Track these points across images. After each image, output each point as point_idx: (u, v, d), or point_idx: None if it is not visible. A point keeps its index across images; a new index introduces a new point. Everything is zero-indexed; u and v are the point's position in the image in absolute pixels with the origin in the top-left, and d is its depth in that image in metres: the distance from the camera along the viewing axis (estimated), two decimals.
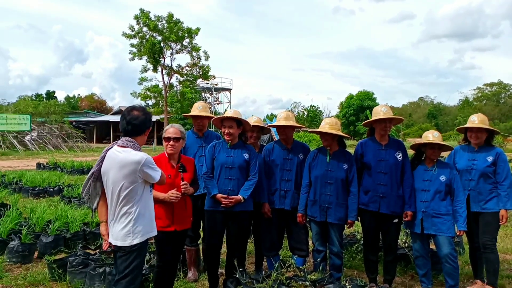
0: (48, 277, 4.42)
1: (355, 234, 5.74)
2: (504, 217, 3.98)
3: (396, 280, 4.58)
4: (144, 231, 2.92)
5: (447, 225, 3.93)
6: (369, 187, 4.13)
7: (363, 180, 4.20)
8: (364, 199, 4.15)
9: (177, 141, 3.66)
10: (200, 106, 4.64)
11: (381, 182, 4.08)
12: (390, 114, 4.17)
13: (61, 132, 32.44)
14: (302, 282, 3.70)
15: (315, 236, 4.22)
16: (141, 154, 2.85)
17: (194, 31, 33.73)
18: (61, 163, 15.73)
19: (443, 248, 3.92)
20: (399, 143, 4.27)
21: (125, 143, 2.89)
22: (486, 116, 4.28)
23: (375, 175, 4.11)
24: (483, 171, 4.05)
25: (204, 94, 46.01)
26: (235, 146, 4.06)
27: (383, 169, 4.09)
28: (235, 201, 3.89)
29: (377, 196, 4.08)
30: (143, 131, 2.97)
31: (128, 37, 33.50)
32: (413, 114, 75.80)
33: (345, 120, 50.05)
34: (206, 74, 35.36)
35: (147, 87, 34.53)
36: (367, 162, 4.18)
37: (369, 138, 4.31)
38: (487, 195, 4.05)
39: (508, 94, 69.18)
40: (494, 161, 4.06)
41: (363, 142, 4.32)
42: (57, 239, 5.22)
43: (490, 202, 4.04)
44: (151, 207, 3.02)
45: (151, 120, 3.03)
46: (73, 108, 58.48)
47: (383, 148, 4.16)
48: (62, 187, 9.95)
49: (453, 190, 4.00)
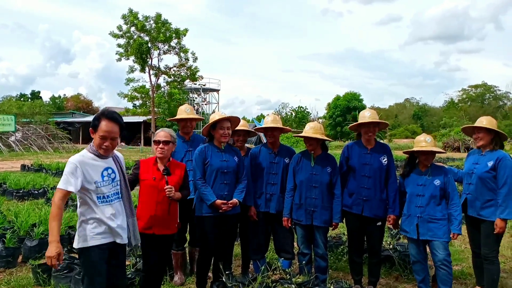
0: (33, 281, 4.38)
1: (340, 236, 5.80)
2: (498, 226, 3.81)
3: (381, 281, 4.64)
4: (83, 239, 2.89)
5: (442, 230, 3.88)
6: (353, 190, 4.19)
7: (348, 182, 4.26)
8: (348, 202, 4.21)
9: (166, 144, 3.62)
10: (188, 109, 4.64)
11: (364, 185, 4.13)
12: (375, 118, 4.19)
13: (46, 133, 32.02)
14: (288, 285, 3.72)
15: (301, 239, 4.26)
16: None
17: (182, 32, 33.56)
18: (46, 165, 15.53)
19: (438, 253, 3.87)
20: (385, 147, 4.31)
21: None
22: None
23: (359, 179, 4.16)
24: (481, 175, 3.95)
25: (191, 94, 45.85)
26: (226, 150, 4.04)
27: (367, 172, 4.14)
28: (233, 205, 3.92)
29: (360, 199, 4.14)
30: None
31: (116, 36, 33.17)
32: (399, 115, 76.58)
33: (332, 121, 50.31)
34: (194, 75, 35.21)
35: (134, 88, 34.24)
36: (352, 165, 4.23)
37: (356, 141, 4.36)
38: (484, 202, 3.93)
39: (492, 95, 70.34)
40: (495, 166, 3.89)
41: (349, 145, 4.36)
42: (41, 243, 5.15)
43: (487, 209, 3.91)
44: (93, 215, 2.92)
45: (93, 120, 2.98)
46: (58, 109, 57.77)
47: (368, 152, 4.20)
48: (47, 190, 9.84)
49: (448, 194, 3.95)
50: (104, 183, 2.92)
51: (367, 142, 4.24)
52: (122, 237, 3.02)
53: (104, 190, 2.92)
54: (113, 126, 2.90)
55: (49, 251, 2.69)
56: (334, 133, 49.73)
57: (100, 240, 2.88)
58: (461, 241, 5.96)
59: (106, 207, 2.92)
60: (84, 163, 2.85)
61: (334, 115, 49.98)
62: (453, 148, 34.83)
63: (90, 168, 2.86)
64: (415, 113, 70.52)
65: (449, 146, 35.31)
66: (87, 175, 2.84)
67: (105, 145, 2.89)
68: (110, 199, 2.96)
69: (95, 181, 2.87)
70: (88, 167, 2.86)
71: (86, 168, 2.84)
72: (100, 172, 2.92)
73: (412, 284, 4.47)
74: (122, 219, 3.04)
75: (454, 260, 5.28)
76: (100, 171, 2.92)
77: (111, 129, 2.89)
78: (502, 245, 5.05)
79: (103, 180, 2.92)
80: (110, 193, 2.97)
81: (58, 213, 2.75)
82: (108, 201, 2.95)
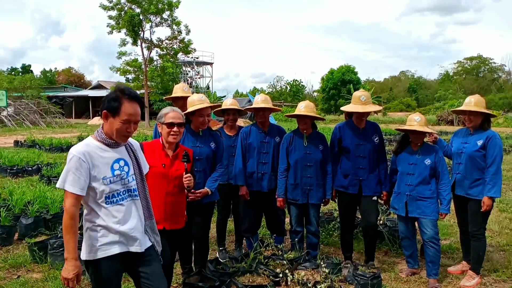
0: (29, 259, 4.45)
1: (332, 212, 5.90)
2: (486, 204, 3.85)
3: None
4: (89, 250, 2.35)
5: (431, 208, 3.95)
6: (348, 171, 4.22)
7: (341, 163, 4.29)
8: (343, 182, 4.24)
9: (181, 126, 3.18)
10: (186, 87, 4.60)
11: (360, 165, 4.17)
12: (369, 102, 4.17)
13: (39, 108, 31.68)
14: (279, 261, 3.83)
15: (294, 218, 4.31)
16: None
17: (174, 4, 32.80)
18: (39, 141, 15.46)
19: (427, 231, 3.96)
20: (376, 126, 4.35)
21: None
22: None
23: (354, 159, 4.18)
24: (471, 154, 3.96)
25: (185, 68, 45.34)
26: (203, 135, 3.78)
27: (362, 153, 4.17)
28: (202, 195, 3.54)
29: (356, 179, 4.18)
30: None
31: (106, 8, 32.42)
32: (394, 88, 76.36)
33: (326, 95, 50.13)
34: (187, 48, 34.69)
35: (127, 62, 33.74)
36: (345, 146, 4.23)
37: (347, 121, 4.34)
38: (473, 181, 3.96)
39: (488, 68, 70.12)
40: (484, 144, 3.90)
41: (340, 126, 4.33)
42: (37, 221, 5.21)
43: (476, 188, 3.95)
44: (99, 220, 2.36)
45: (105, 101, 2.37)
46: (50, 82, 56.90)
47: (361, 132, 4.21)
48: (41, 166, 9.83)
49: (438, 173, 4.00)
50: (115, 178, 2.35)
51: (358, 122, 4.25)
52: (139, 243, 2.44)
53: (115, 187, 2.35)
54: (137, 107, 2.35)
55: (66, 271, 2.23)
56: (328, 107, 49.66)
57: (110, 251, 2.34)
58: (450, 216, 6.07)
59: (116, 209, 2.35)
60: (90, 154, 2.28)
61: (327, 89, 49.75)
62: (447, 122, 34.96)
63: (97, 160, 2.30)
64: (410, 86, 70.34)
65: (443, 120, 35.45)
66: (94, 171, 2.29)
67: (129, 131, 2.35)
68: (121, 198, 2.38)
69: (104, 176, 2.31)
70: (95, 159, 2.30)
71: (93, 161, 2.28)
72: (110, 165, 2.34)
73: (401, 258, 4.59)
74: (137, 222, 2.44)
75: (443, 235, 5.42)
76: (110, 164, 2.35)
77: (135, 111, 2.34)
78: (489, 220, 5.18)
79: (113, 175, 2.34)
80: (122, 191, 2.38)
81: (72, 224, 2.24)
82: (119, 200, 2.37)
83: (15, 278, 4.07)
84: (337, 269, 3.71)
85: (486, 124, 4.02)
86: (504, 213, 6.72)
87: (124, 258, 2.40)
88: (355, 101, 4.17)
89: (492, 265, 4.51)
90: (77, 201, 2.25)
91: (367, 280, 3.61)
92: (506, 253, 4.90)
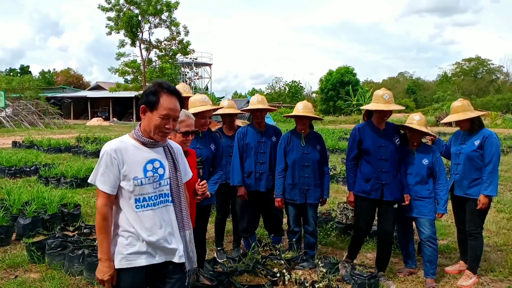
0: (27, 259, 4.44)
1: (330, 212, 5.91)
2: (482, 202, 3.89)
3: (368, 256, 4.78)
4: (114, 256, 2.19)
5: (428, 208, 3.96)
6: (370, 175, 3.97)
7: (361, 167, 4.05)
8: (365, 187, 3.99)
9: (194, 134, 3.10)
10: (186, 87, 4.65)
11: (383, 169, 3.93)
12: (392, 101, 3.95)
13: (37, 109, 31.65)
14: (277, 261, 3.83)
15: (292, 218, 4.31)
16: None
17: (173, 5, 32.83)
18: (37, 141, 15.44)
19: (424, 230, 3.97)
20: (395, 127, 4.13)
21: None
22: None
23: (376, 162, 3.95)
24: (469, 155, 4.00)
25: (183, 69, 45.35)
26: (203, 136, 3.75)
27: (384, 155, 3.94)
28: (202, 198, 3.35)
29: (379, 183, 3.93)
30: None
31: (104, 9, 32.45)
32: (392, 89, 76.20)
33: (325, 96, 50.17)
34: (186, 49, 34.71)
35: (125, 63, 33.74)
36: (366, 149, 3.99)
37: (366, 122, 4.11)
38: (472, 181, 4.00)
39: (486, 69, 70.24)
40: (481, 144, 3.96)
41: (360, 127, 4.08)
42: (35, 221, 5.21)
43: (475, 188, 3.98)
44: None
45: (144, 95, 2.25)
46: (48, 83, 56.89)
47: (382, 133, 3.99)
48: (39, 167, 9.82)
49: (435, 173, 4.01)
50: (147, 180, 2.18)
51: (379, 123, 4.02)
52: (168, 255, 2.25)
53: (146, 189, 2.18)
54: (176, 102, 2.21)
55: (100, 272, 2.14)
56: (327, 108, 49.71)
57: (136, 262, 2.16)
58: (448, 216, 6.08)
59: (146, 214, 2.17)
60: (122, 152, 2.15)
61: (326, 90, 49.80)
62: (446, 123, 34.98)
63: (129, 159, 2.16)
64: (408, 87, 70.42)
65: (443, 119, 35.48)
66: (125, 169, 2.14)
67: (167, 127, 2.19)
68: (153, 203, 2.20)
69: (135, 176, 2.15)
70: (127, 157, 2.15)
71: (124, 159, 2.15)
72: (142, 165, 2.18)
73: (399, 258, 4.60)
74: (168, 231, 2.23)
75: (440, 235, 5.44)
76: (142, 164, 2.19)
77: (175, 106, 2.20)
78: (487, 220, 5.21)
79: (145, 176, 2.17)
80: (154, 195, 2.20)
81: (104, 225, 2.13)
82: (151, 205, 2.19)
83: (12, 278, 4.07)
84: (334, 268, 3.72)
85: (476, 124, 4.06)
86: (502, 214, 6.74)
87: (149, 272, 2.22)
88: (377, 99, 3.95)
89: (489, 265, 4.52)
90: (109, 200, 2.14)
91: (364, 279, 3.61)
92: (503, 253, 4.92)
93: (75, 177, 8.51)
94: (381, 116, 3.96)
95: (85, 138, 17.77)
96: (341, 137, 20.60)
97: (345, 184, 8.90)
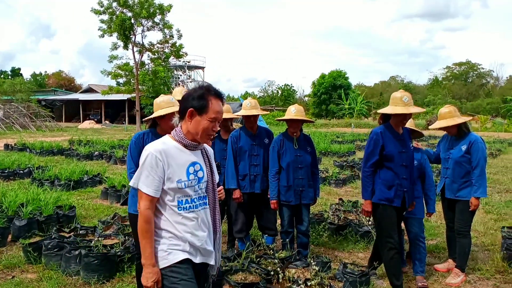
0: (24, 260, 4.49)
1: (322, 213, 6.02)
2: (473, 204, 4.06)
3: (359, 255, 4.89)
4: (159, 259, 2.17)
5: (417, 207, 4.06)
6: (392, 182, 3.70)
7: (381, 173, 3.73)
8: (388, 195, 3.69)
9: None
10: (184, 91, 4.73)
11: (403, 175, 3.71)
12: (412, 104, 3.70)
13: (29, 111, 31.49)
14: (271, 260, 3.93)
15: (287, 219, 4.41)
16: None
17: (166, 8, 32.87)
18: (29, 144, 15.41)
19: (413, 229, 4.09)
20: (409, 131, 3.95)
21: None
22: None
23: (398, 169, 3.70)
24: (457, 160, 4.16)
25: (176, 72, 45.36)
26: None
27: (405, 161, 3.73)
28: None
29: (401, 191, 3.72)
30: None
31: (97, 13, 32.40)
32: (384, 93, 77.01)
33: (317, 99, 50.47)
34: (178, 52, 34.73)
35: (118, 65, 33.67)
36: (388, 154, 3.69)
37: (385, 126, 3.79)
38: (461, 184, 4.16)
39: (476, 73, 71.10)
40: (468, 150, 4.11)
41: (381, 131, 3.74)
42: (30, 223, 5.25)
43: (464, 190, 4.14)
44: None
45: (190, 98, 2.20)
46: (40, 86, 56.49)
47: (400, 138, 3.76)
48: (32, 169, 9.83)
49: (423, 174, 4.14)
50: (190, 183, 2.18)
51: (398, 127, 3.77)
52: (206, 256, 2.27)
53: (188, 192, 2.18)
54: (221, 106, 2.23)
55: (144, 279, 2.09)
56: (319, 111, 49.99)
57: (177, 257, 2.15)
58: (437, 217, 6.24)
59: (187, 216, 2.18)
60: (166, 153, 2.13)
61: (319, 93, 50.11)
62: None
63: (174, 161, 2.15)
64: None
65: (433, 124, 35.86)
66: (169, 171, 2.13)
67: (214, 130, 2.20)
68: (195, 205, 2.22)
69: (179, 179, 2.14)
70: (172, 159, 2.14)
71: (169, 161, 2.13)
72: (185, 168, 2.18)
73: None
74: (206, 233, 2.26)
75: (430, 235, 5.57)
76: (185, 166, 2.18)
77: (221, 109, 2.22)
78: (475, 221, 5.35)
79: (188, 179, 2.17)
80: (195, 197, 2.22)
81: (148, 228, 2.10)
82: (192, 207, 2.20)
83: (9, 279, 4.11)
84: (326, 267, 3.82)
85: (463, 130, 4.22)
86: (490, 215, 6.91)
87: (194, 269, 2.21)
88: (395, 102, 3.69)
89: (476, 263, 4.66)
90: (151, 204, 2.11)
91: (355, 277, 3.72)
92: (490, 252, 5.05)
93: (69, 179, 8.55)
94: (401, 119, 3.72)
95: (77, 141, 17.75)
96: (333, 140, 20.80)
97: (337, 186, 9.19)
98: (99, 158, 13.48)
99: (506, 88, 60.58)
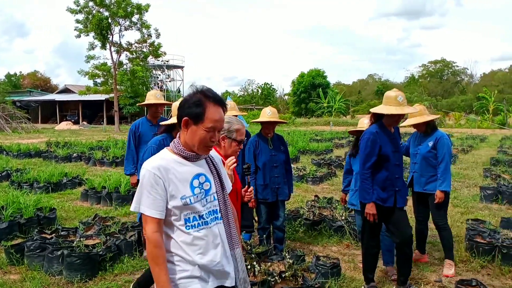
0: (6, 261, 4.55)
1: (298, 210, 6.25)
2: (438, 197, 4.29)
3: (333, 249, 5.14)
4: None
5: None
6: (385, 182, 3.66)
7: (375, 173, 3.67)
8: (382, 195, 3.66)
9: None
10: (158, 94, 4.93)
11: (396, 175, 3.68)
12: (406, 103, 3.65)
13: (3, 113, 30.83)
14: (248, 255, 4.12)
15: (264, 215, 4.62)
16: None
17: (143, 7, 32.71)
18: (6, 147, 15.23)
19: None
20: (398, 130, 3.97)
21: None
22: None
23: (392, 168, 3.67)
24: (424, 155, 4.42)
25: (155, 71, 45.08)
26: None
27: (398, 160, 3.71)
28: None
29: (393, 190, 3.66)
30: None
31: (73, 12, 31.96)
32: (362, 91, 78.28)
33: (297, 98, 50.92)
34: (157, 51, 34.58)
35: (96, 65, 33.31)
36: (385, 154, 3.64)
37: (379, 125, 3.71)
38: (428, 178, 4.41)
39: (451, 71, 72.97)
40: (434, 145, 4.37)
41: (377, 130, 3.66)
42: (11, 225, 5.30)
43: (432, 184, 4.39)
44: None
45: (185, 105, 1.96)
46: (14, 87, 55.22)
47: (393, 137, 3.73)
48: (10, 172, 9.78)
49: None
50: (195, 198, 1.94)
51: (391, 126, 3.73)
52: (223, 276, 2.02)
53: (195, 208, 1.93)
54: (221, 112, 1.97)
55: None
56: (299, 110, 50.46)
57: (192, 285, 1.93)
58: (408, 212, 6.53)
59: (196, 235, 1.92)
60: (166, 169, 1.89)
61: (298, 92, 50.56)
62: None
63: (175, 176, 1.91)
64: (378, 89, 72.25)
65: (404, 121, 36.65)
66: (171, 188, 1.89)
67: (213, 140, 1.95)
68: (204, 222, 1.95)
69: (183, 196, 1.91)
70: (172, 175, 1.90)
71: (170, 176, 1.90)
72: (189, 182, 1.94)
73: (361, 251, 4.96)
74: (221, 252, 1.99)
75: None
76: (189, 180, 1.94)
77: (221, 117, 1.96)
78: None
79: (193, 194, 1.93)
80: (204, 213, 1.96)
81: (159, 254, 1.85)
82: (201, 224, 1.94)
83: None
84: (300, 260, 4.04)
85: (430, 127, 4.50)
86: (457, 208, 7.27)
87: None
88: (390, 102, 3.62)
89: (441, 254, 4.95)
90: (159, 226, 1.87)
91: (327, 269, 3.95)
92: (455, 243, 5.36)
93: (48, 181, 8.55)
94: (395, 120, 3.68)
95: (55, 142, 17.57)
96: (312, 139, 21.15)
97: (314, 184, 9.44)
98: (78, 160, 13.42)
99: (479, 85, 62.37)
